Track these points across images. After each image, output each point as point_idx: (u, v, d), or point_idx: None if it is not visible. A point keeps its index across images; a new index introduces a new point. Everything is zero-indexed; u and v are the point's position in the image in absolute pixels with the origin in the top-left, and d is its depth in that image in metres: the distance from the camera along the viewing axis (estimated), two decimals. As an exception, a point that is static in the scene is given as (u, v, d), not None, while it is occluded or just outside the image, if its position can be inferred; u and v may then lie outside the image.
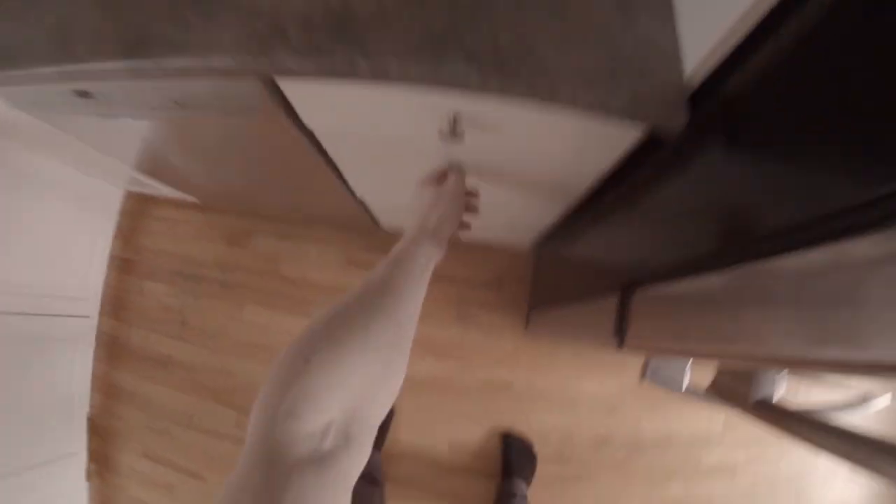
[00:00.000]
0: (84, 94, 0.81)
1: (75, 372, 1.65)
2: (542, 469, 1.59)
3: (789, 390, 0.69)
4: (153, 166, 1.35)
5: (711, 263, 0.59)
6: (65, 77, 0.71)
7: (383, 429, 1.58)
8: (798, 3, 0.46)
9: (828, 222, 0.41)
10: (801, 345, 0.43)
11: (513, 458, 1.55)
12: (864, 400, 0.94)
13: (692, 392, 0.97)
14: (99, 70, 0.68)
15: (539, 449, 1.60)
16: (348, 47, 0.55)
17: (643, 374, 1.00)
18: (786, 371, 0.68)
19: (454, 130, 0.66)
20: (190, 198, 1.73)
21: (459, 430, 1.60)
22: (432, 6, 0.59)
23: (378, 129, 0.76)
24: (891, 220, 0.35)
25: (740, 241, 0.54)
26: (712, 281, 0.58)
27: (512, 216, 1.17)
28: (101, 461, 1.71)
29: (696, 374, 0.98)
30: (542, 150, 0.76)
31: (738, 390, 0.74)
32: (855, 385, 1.15)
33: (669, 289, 0.69)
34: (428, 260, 0.60)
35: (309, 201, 1.42)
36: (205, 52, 0.61)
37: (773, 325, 0.46)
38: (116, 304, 1.78)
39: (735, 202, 0.56)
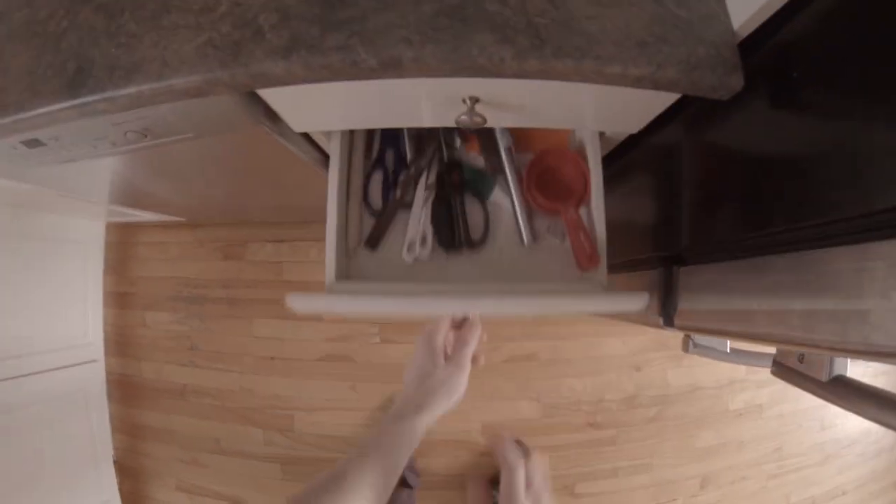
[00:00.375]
0: (34, 144, 0.66)
1: (93, 419, 1.51)
2: (577, 435, 1.52)
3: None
4: (131, 197, 1.19)
5: (772, 242, 0.48)
6: (6, 130, 0.57)
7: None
8: None
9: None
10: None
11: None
12: None
13: (737, 354, 0.87)
14: (42, 114, 0.53)
15: (570, 417, 1.52)
16: (344, 36, 0.41)
17: (685, 349, 0.89)
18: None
19: (472, 118, 0.52)
20: (176, 218, 1.57)
21: (490, 411, 1.51)
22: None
23: (386, 118, 0.62)
24: None
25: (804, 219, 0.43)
26: (775, 264, 0.47)
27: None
28: (136, 502, 1.59)
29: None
30: (568, 116, 0.63)
31: (804, 369, 0.64)
32: None
33: (724, 268, 0.58)
34: (417, 437, 0.54)
35: (302, 202, 1.27)
36: (162, 72, 0.47)
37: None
38: (121, 342, 1.63)
39: (792, 173, 0.44)
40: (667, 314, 0.70)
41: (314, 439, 1.53)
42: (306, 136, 0.73)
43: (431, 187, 0.73)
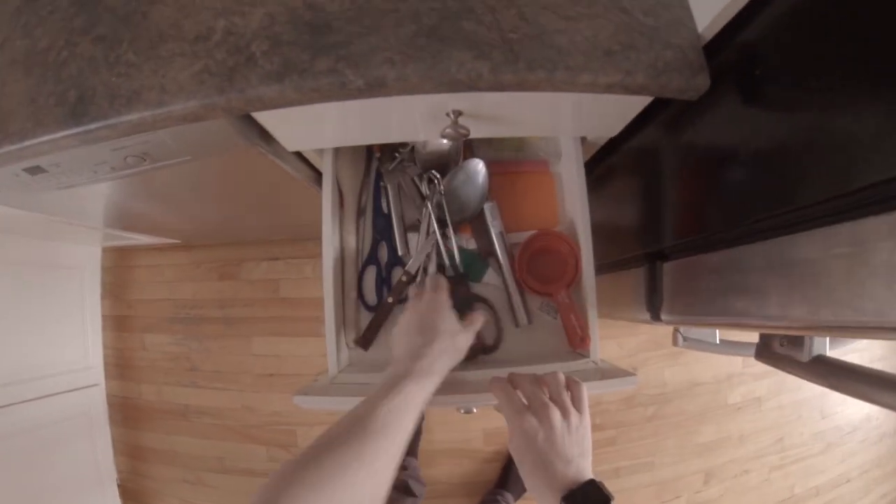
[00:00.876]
0: (36, 171, 0.68)
1: (96, 443, 1.52)
2: (578, 439, 1.53)
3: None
4: (126, 220, 1.22)
5: (742, 233, 0.52)
6: (9, 158, 0.59)
7: (415, 433, 1.50)
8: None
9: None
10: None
11: (512, 474, 1.47)
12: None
13: (727, 344, 0.91)
14: (45, 142, 0.56)
15: (571, 419, 1.54)
16: (332, 60, 0.45)
17: (675, 343, 0.93)
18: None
19: (457, 130, 0.56)
20: (171, 240, 1.60)
21: (491, 419, 1.53)
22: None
23: (375, 135, 0.65)
24: None
25: (766, 209, 0.47)
26: (749, 252, 0.51)
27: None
28: (141, 525, 1.60)
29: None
30: (548, 124, 0.67)
31: (786, 351, 0.68)
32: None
33: (703, 260, 0.61)
34: (416, 403, 0.49)
35: (295, 219, 1.31)
36: (161, 99, 0.50)
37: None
38: (121, 365, 1.64)
39: (760, 165, 0.48)
40: (653, 309, 0.73)
41: (317, 454, 1.55)
42: (299, 154, 0.77)
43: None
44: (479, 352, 0.72)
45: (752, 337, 0.80)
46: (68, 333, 1.50)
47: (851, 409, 1.71)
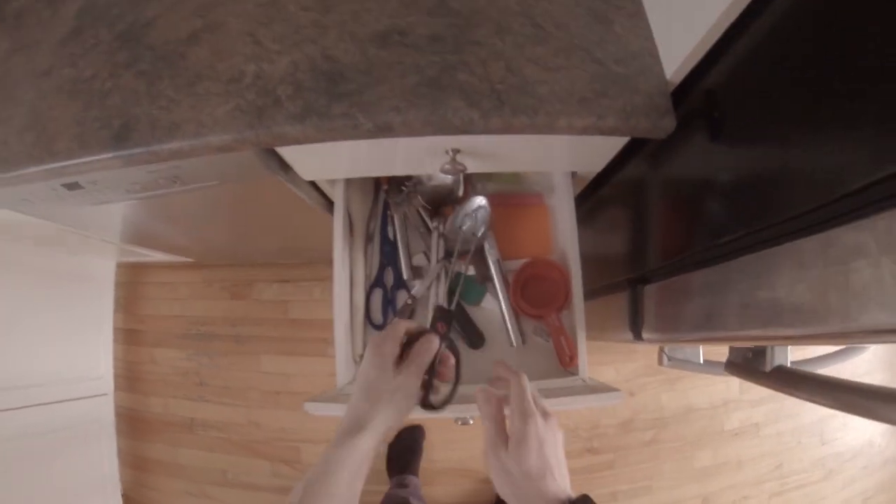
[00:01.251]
0: (73, 187, 0.76)
1: (102, 452, 1.59)
2: (575, 462, 1.58)
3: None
4: (146, 237, 1.32)
5: (711, 255, 0.59)
6: (51, 174, 0.67)
7: (416, 452, 1.56)
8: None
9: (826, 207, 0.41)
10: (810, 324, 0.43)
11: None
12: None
13: (710, 364, 0.97)
14: (88, 162, 0.64)
15: (568, 443, 1.58)
16: (346, 106, 0.53)
17: (660, 362, 1.00)
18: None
19: (454, 166, 0.64)
20: (184, 258, 1.69)
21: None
22: (417, 47, 0.58)
23: (383, 168, 0.74)
24: (867, 209, 0.35)
25: (731, 231, 0.54)
26: (719, 271, 0.58)
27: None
28: (144, 536, 1.65)
29: (707, 348, 1.00)
30: (538, 161, 0.75)
31: (751, 363, 0.75)
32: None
33: (677, 281, 0.68)
34: (364, 458, 0.49)
35: (306, 243, 1.39)
36: (198, 131, 0.59)
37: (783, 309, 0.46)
38: (130, 378, 1.72)
39: (723, 193, 0.56)
40: (635, 329, 0.80)
41: (319, 470, 1.61)
42: (313, 184, 0.85)
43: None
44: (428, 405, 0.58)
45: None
46: (81, 343, 1.58)
47: (852, 435, 1.74)
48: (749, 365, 0.71)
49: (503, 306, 0.85)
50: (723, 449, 1.64)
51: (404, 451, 1.54)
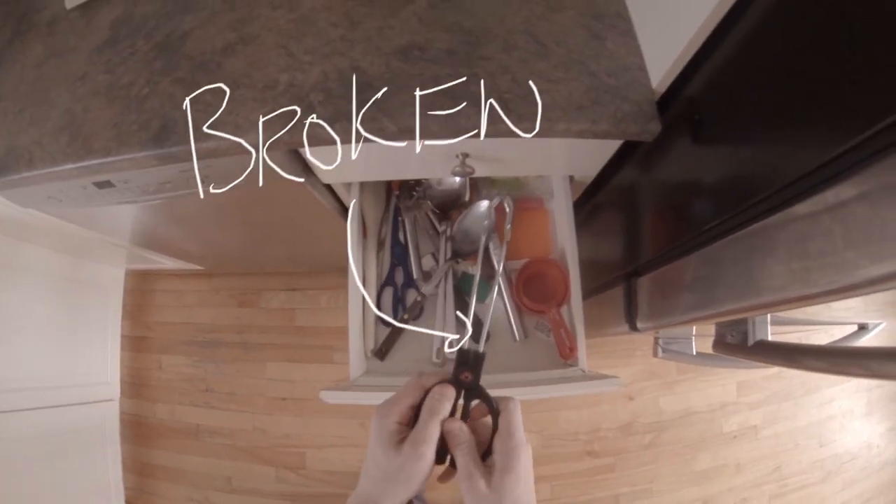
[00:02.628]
0: (105, 185, 0.82)
1: (107, 457, 1.65)
2: (575, 465, 1.65)
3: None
4: (160, 242, 1.39)
5: (694, 243, 0.68)
6: (87, 171, 0.73)
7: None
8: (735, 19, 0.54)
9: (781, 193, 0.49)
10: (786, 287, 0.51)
11: None
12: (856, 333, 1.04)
13: (702, 356, 1.06)
14: (127, 160, 0.70)
15: (568, 446, 1.67)
16: (372, 112, 0.63)
17: (655, 354, 1.08)
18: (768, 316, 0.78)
19: (464, 168, 0.73)
20: (193, 266, 1.77)
21: (492, 443, 1.65)
22: (434, 61, 0.67)
23: (397, 171, 0.83)
24: (819, 187, 0.44)
25: (711, 220, 0.63)
26: (701, 256, 0.67)
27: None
28: (148, 541, 1.71)
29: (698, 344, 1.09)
30: (538, 166, 0.84)
31: (736, 340, 0.83)
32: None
33: (666, 270, 0.77)
34: None
35: (314, 251, 1.48)
36: (235, 133, 0.67)
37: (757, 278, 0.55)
38: (136, 383, 1.79)
39: (703, 186, 0.64)
40: (630, 320, 0.89)
41: (324, 475, 1.67)
42: (329, 189, 0.94)
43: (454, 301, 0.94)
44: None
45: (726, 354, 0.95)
46: (89, 347, 1.65)
47: (850, 438, 1.80)
48: (734, 342, 0.80)
49: (507, 303, 0.94)
50: (722, 452, 1.71)
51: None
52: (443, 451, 0.48)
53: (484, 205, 0.95)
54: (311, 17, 0.75)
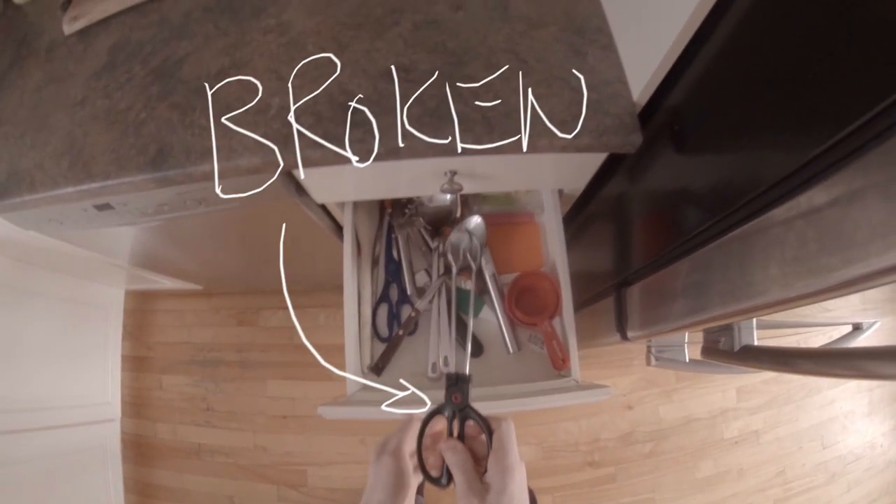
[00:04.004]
0: (104, 207, 0.85)
1: (108, 477, 1.66)
2: (576, 476, 1.66)
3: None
4: (159, 262, 1.42)
5: (679, 251, 0.70)
6: (87, 194, 0.76)
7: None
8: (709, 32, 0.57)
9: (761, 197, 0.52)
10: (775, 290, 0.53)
11: None
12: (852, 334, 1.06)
13: (695, 363, 1.08)
14: (125, 183, 0.74)
15: (569, 457, 1.68)
16: (360, 133, 0.66)
17: (648, 362, 1.10)
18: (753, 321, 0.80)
19: (452, 186, 0.76)
20: (192, 285, 1.80)
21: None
22: (420, 81, 0.70)
23: (388, 191, 0.85)
24: (792, 193, 0.46)
25: (695, 228, 0.65)
26: (685, 264, 0.69)
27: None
28: (151, 562, 1.71)
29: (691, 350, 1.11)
30: (527, 180, 0.87)
31: (723, 346, 0.85)
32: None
33: (655, 278, 0.79)
34: None
35: (312, 270, 1.50)
36: (230, 155, 0.70)
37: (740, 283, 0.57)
38: (138, 404, 1.80)
39: (686, 194, 0.67)
40: (621, 329, 0.91)
41: (326, 493, 1.68)
42: (323, 209, 0.97)
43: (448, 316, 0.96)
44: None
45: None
46: (90, 368, 1.67)
47: (853, 438, 1.80)
48: (721, 348, 0.82)
49: (499, 316, 0.96)
50: (724, 458, 1.71)
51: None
52: (450, 472, 0.51)
53: (475, 220, 0.98)
54: (300, 41, 0.78)
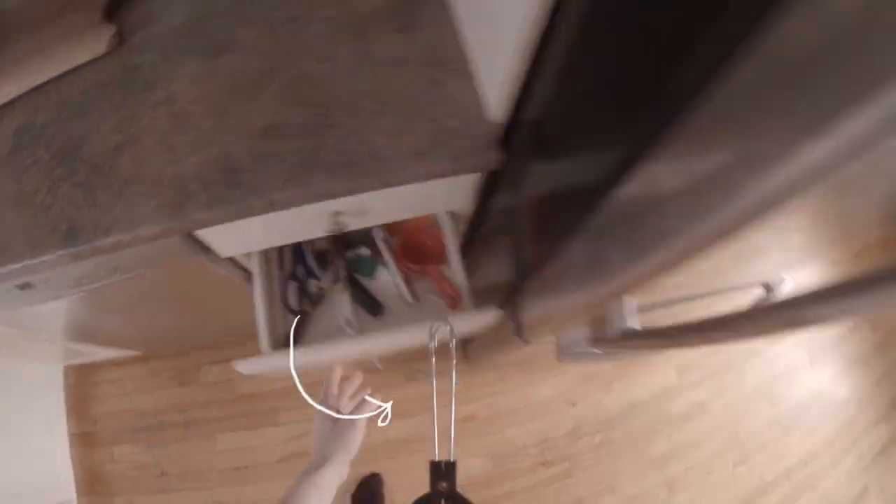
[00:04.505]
0: (26, 287, 0.91)
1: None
2: (531, 478, 1.75)
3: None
4: (90, 332, 1.46)
5: (557, 248, 0.81)
6: (7, 277, 0.82)
7: (377, 499, 1.72)
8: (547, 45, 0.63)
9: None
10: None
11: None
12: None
13: (600, 354, 1.19)
14: (42, 262, 0.80)
15: (520, 461, 1.78)
16: (242, 192, 0.77)
17: (559, 358, 1.23)
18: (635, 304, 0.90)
19: (338, 226, 0.87)
20: (129, 352, 1.83)
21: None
22: (290, 137, 0.81)
23: (281, 238, 0.96)
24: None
25: (566, 225, 0.76)
26: (558, 263, 0.78)
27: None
28: None
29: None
30: (413, 207, 0.99)
31: (606, 333, 0.95)
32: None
33: (534, 284, 0.89)
34: (323, 489, 0.67)
35: (240, 319, 1.57)
36: (131, 226, 0.79)
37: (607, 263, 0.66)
38: (91, 479, 1.82)
39: (557, 195, 0.75)
40: (521, 334, 1.02)
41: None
42: (231, 259, 1.07)
43: (345, 283, 1.12)
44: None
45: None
46: (38, 452, 1.69)
47: (800, 391, 1.91)
48: (606, 335, 0.92)
49: (393, 274, 1.11)
50: (676, 434, 1.83)
51: (367, 502, 1.70)
52: None
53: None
54: (187, 110, 0.87)
